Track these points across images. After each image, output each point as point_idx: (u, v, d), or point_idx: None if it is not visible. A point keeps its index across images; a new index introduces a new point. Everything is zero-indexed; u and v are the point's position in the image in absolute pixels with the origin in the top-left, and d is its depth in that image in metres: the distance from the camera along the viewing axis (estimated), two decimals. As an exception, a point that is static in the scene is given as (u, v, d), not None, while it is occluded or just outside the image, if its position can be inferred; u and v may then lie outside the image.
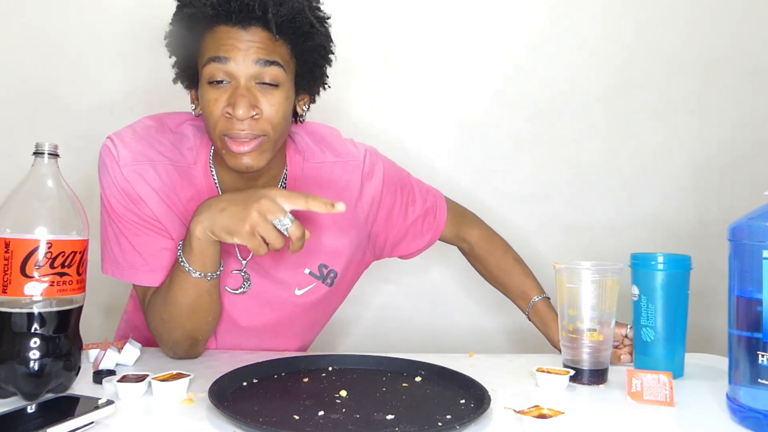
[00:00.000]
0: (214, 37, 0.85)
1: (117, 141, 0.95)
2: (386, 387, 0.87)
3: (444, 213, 1.21)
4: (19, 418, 0.65)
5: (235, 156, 0.87)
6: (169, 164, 0.96)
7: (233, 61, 0.84)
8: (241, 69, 0.85)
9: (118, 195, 0.94)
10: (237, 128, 0.85)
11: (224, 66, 0.85)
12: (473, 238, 1.24)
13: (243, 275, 1.01)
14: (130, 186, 0.93)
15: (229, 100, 0.85)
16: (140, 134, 0.96)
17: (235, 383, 0.84)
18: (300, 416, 0.73)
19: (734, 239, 0.77)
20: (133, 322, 1.20)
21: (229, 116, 0.86)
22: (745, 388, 0.74)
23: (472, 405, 0.79)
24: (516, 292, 1.20)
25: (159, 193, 0.94)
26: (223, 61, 0.84)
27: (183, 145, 0.97)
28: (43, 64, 1.70)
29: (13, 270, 0.73)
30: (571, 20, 1.79)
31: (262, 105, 0.86)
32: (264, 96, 0.87)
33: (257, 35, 0.85)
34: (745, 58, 1.82)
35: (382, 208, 1.11)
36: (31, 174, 0.78)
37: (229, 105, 0.85)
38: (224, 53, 0.84)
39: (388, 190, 1.11)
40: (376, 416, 0.74)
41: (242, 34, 0.84)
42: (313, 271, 1.04)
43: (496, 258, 1.23)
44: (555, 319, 1.12)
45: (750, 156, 1.82)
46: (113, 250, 0.97)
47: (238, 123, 0.85)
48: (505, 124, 1.79)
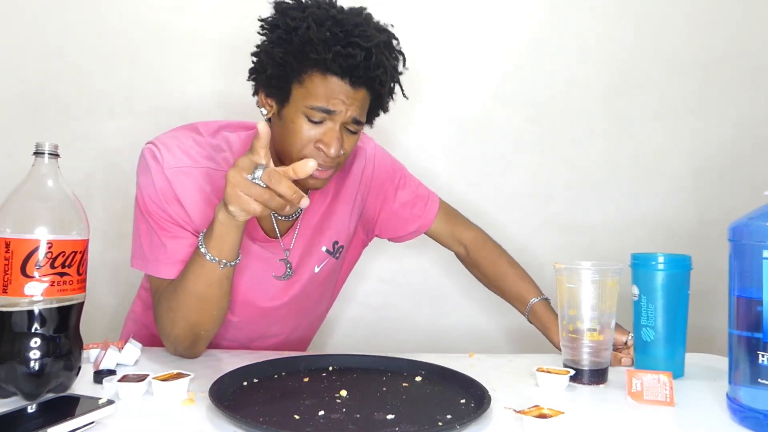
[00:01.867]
0: (326, 86, 0.92)
1: (160, 145, 1.00)
2: (386, 387, 0.87)
3: (435, 206, 1.26)
4: (19, 418, 0.65)
5: (311, 180, 0.97)
6: (207, 169, 1.02)
7: (337, 114, 0.94)
8: (341, 119, 0.94)
9: (155, 195, 0.99)
10: (324, 162, 0.95)
11: (329, 115, 0.94)
12: (467, 240, 1.28)
13: (286, 263, 1.10)
14: (170, 187, 0.98)
15: (322, 137, 0.94)
16: (181, 140, 1.02)
17: (235, 383, 0.84)
18: (300, 416, 0.73)
19: (734, 239, 0.77)
20: (142, 321, 1.22)
21: (318, 149, 0.95)
22: (745, 388, 0.74)
23: (472, 405, 0.79)
24: (513, 295, 1.21)
25: (198, 195, 1.00)
26: (329, 112, 0.93)
27: (218, 153, 1.04)
28: (43, 64, 1.70)
29: (13, 270, 0.73)
30: (570, 20, 1.79)
31: (345, 146, 0.98)
32: (348, 138, 0.98)
33: (361, 94, 0.95)
34: (745, 58, 1.82)
35: (374, 186, 1.21)
36: (32, 174, 0.78)
37: (321, 142, 0.94)
38: (333, 107, 0.93)
39: (381, 171, 1.21)
40: (376, 416, 0.74)
41: (351, 92, 0.93)
42: (329, 248, 1.15)
43: (491, 262, 1.26)
44: (554, 321, 1.12)
45: (750, 156, 1.82)
46: (143, 245, 1.02)
47: (325, 157, 0.95)
48: (504, 124, 1.79)
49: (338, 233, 1.16)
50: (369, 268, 1.79)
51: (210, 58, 1.73)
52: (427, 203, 1.26)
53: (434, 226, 1.27)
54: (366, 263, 1.79)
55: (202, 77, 1.73)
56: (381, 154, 1.24)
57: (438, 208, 1.27)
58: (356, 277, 1.78)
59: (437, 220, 1.26)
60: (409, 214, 1.24)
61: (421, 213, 1.25)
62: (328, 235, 1.15)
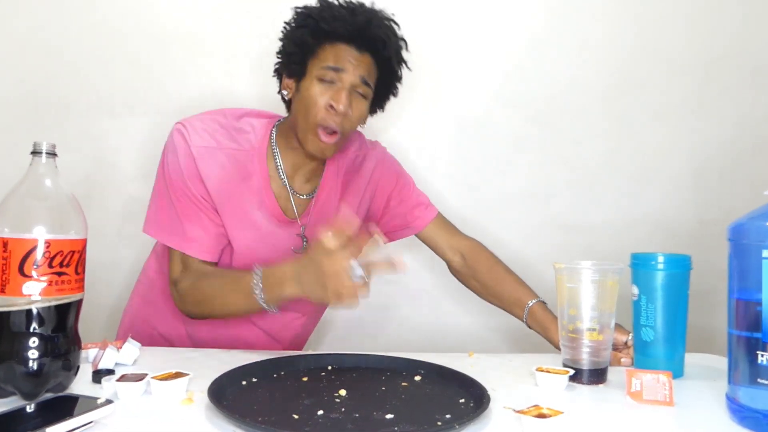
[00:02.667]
0: (336, 51, 1.06)
1: (188, 125, 1.10)
2: (386, 386, 0.87)
3: (433, 213, 1.33)
4: (18, 418, 0.65)
5: (321, 146, 1.07)
6: (230, 150, 1.11)
7: (345, 72, 1.05)
8: (349, 78, 1.06)
9: (180, 171, 1.07)
10: (333, 118, 1.05)
11: (337, 74, 1.05)
12: (465, 248, 1.31)
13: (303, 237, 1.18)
14: (194, 164, 1.07)
15: (333, 96, 1.05)
16: (207, 123, 1.11)
17: (234, 382, 0.84)
18: (299, 416, 0.73)
19: (734, 239, 0.77)
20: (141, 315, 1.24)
21: (329, 108, 1.05)
22: (744, 388, 0.74)
23: (471, 404, 0.79)
24: (510, 299, 1.22)
25: (220, 174, 1.09)
26: (338, 71, 1.05)
27: (242, 135, 1.13)
28: (43, 64, 1.70)
29: (11, 269, 0.73)
30: (571, 20, 1.79)
31: (353, 108, 1.07)
32: (356, 101, 1.08)
33: (366, 59, 1.07)
34: (745, 58, 1.81)
35: (380, 188, 1.30)
36: (29, 173, 0.78)
37: (332, 99, 1.05)
38: (341, 65, 1.05)
39: (389, 176, 1.31)
40: (375, 415, 0.74)
41: (356, 54, 1.06)
42: None
43: (488, 268, 1.28)
44: (554, 321, 1.12)
45: (750, 156, 1.81)
46: (161, 216, 1.10)
47: (335, 116, 1.05)
48: (504, 124, 1.79)
49: None
50: (369, 268, 1.78)
51: (210, 58, 1.73)
52: (426, 209, 1.33)
53: (430, 232, 1.32)
54: (366, 263, 1.78)
55: (202, 77, 1.73)
56: (391, 160, 1.34)
57: (435, 216, 1.33)
58: (356, 277, 1.78)
59: (433, 225, 1.32)
60: (408, 216, 1.32)
61: (419, 215, 1.32)
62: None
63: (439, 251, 1.33)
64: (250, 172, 1.12)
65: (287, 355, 0.98)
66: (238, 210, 1.11)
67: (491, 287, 1.27)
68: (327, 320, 1.79)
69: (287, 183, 1.16)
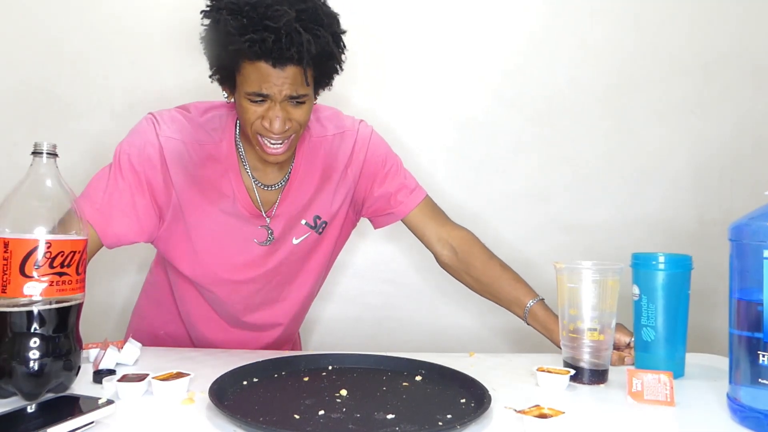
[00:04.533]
0: (257, 72, 0.97)
1: (158, 117, 1.09)
2: (386, 386, 0.87)
3: (420, 197, 1.25)
4: (19, 418, 0.65)
5: (268, 154, 1.04)
6: (196, 144, 1.09)
7: (270, 96, 0.99)
8: (277, 98, 0.99)
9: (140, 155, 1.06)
10: (273, 137, 1.02)
11: (264, 98, 1.00)
12: (456, 240, 1.23)
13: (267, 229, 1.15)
14: (160, 153, 1.06)
15: (265, 113, 1.01)
16: (175, 116, 1.11)
17: (235, 382, 0.84)
18: (300, 415, 0.73)
19: (735, 239, 0.77)
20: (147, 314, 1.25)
21: (264, 126, 1.01)
22: (745, 387, 0.74)
23: (472, 404, 0.78)
24: (508, 298, 1.18)
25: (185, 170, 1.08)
26: (262, 96, 0.99)
27: (209, 126, 1.11)
28: (43, 64, 1.70)
29: (12, 270, 0.73)
30: (570, 20, 1.79)
31: (292, 116, 1.02)
32: (294, 108, 1.02)
33: (291, 71, 0.97)
34: (745, 57, 1.82)
35: (366, 169, 1.22)
36: (30, 174, 0.77)
37: (265, 119, 1.01)
38: (265, 90, 0.98)
39: (374, 155, 1.23)
40: (376, 415, 0.74)
41: (279, 72, 0.97)
42: (309, 222, 1.19)
43: (483, 263, 1.21)
44: (556, 322, 1.11)
45: (750, 156, 1.82)
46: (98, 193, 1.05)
47: (273, 133, 1.01)
48: (505, 124, 1.79)
49: (320, 209, 1.19)
50: (369, 269, 1.79)
51: (210, 58, 1.73)
52: (411, 193, 1.24)
53: (416, 219, 1.24)
54: (366, 263, 1.79)
55: (202, 77, 1.73)
56: (377, 140, 1.25)
57: (422, 200, 1.25)
58: (356, 278, 1.78)
59: (419, 212, 1.24)
60: (391, 199, 1.24)
61: (404, 200, 1.23)
62: (310, 209, 1.18)
63: (426, 242, 1.25)
64: (217, 166, 1.10)
65: (288, 355, 0.98)
66: (204, 204, 1.10)
67: (487, 285, 1.21)
68: (326, 320, 1.79)
69: (253, 178, 1.13)
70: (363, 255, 1.78)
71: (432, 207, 1.26)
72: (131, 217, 1.06)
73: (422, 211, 1.24)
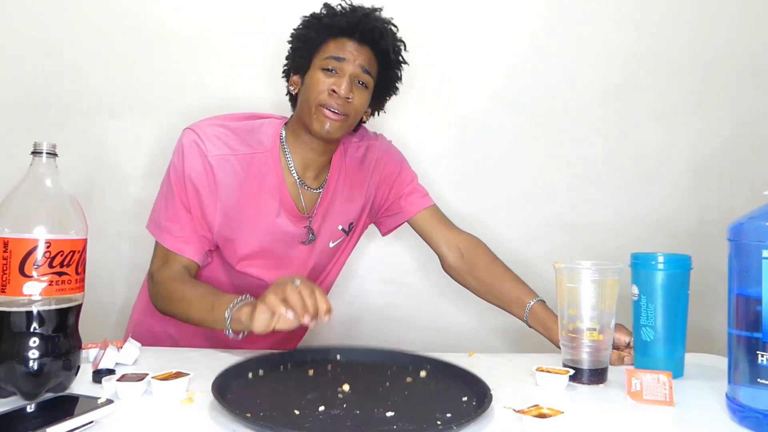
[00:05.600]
0: (337, 44, 1.14)
1: (200, 133, 1.14)
2: (390, 382, 0.87)
3: (428, 202, 1.33)
4: (18, 418, 0.65)
5: (325, 120, 1.12)
6: (244, 155, 1.15)
7: (346, 61, 1.12)
8: (350, 67, 1.13)
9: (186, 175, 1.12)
10: (335, 102, 1.11)
11: (339, 63, 1.12)
12: (463, 243, 1.30)
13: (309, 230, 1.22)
14: (212, 173, 1.12)
15: (335, 83, 1.12)
16: (217, 129, 1.16)
17: (241, 374, 0.85)
18: (300, 411, 0.73)
19: (734, 239, 0.77)
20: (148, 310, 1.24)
21: (332, 93, 1.11)
22: (744, 387, 0.74)
23: (474, 403, 0.78)
24: (510, 298, 1.21)
25: (235, 181, 1.14)
26: (340, 59, 1.12)
27: (253, 138, 1.18)
28: (43, 64, 1.70)
29: (11, 269, 0.73)
30: (571, 20, 1.79)
31: (355, 94, 1.14)
32: (357, 90, 1.14)
33: (366, 51, 1.15)
34: (745, 58, 1.81)
35: (384, 177, 1.32)
36: (30, 173, 0.78)
37: (335, 85, 1.11)
38: (343, 55, 1.13)
39: (392, 167, 1.33)
40: (375, 413, 0.74)
41: (356, 47, 1.14)
42: (344, 227, 1.29)
43: (487, 264, 1.26)
44: (556, 321, 1.12)
45: (750, 156, 1.81)
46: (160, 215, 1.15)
47: (337, 99, 1.11)
48: (505, 124, 1.79)
49: (353, 215, 1.29)
50: (370, 269, 1.79)
51: (210, 58, 1.73)
52: (422, 197, 1.33)
53: (424, 221, 1.31)
54: (367, 263, 1.79)
55: (202, 77, 1.73)
56: (395, 152, 1.36)
57: (430, 205, 1.33)
58: (357, 277, 1.78)
59: (428, 214, 1.31)
60: (401, 200, 1.32)
61: (413, 201, 1.32)
62: (344, 216, 1.27)
63: (434, 244, 1.31)
64: (264, 173, 1.16)
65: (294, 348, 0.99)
66: (252, 211, 1.16)
67: (490, 284, 1.24)
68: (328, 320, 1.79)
69: (298, 179, 1.20)
70: (364, 255, 1.78)
71: (440, 214, 1.33)
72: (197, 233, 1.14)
73: (432, 214, 1.32)
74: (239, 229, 1.16)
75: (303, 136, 1.18)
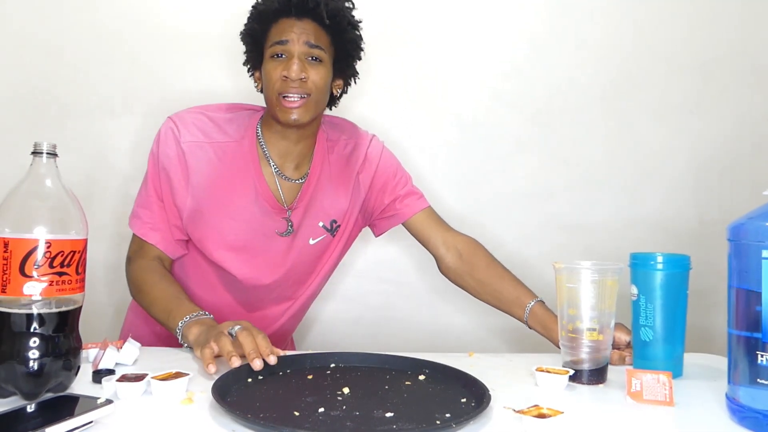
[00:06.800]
0: (278, 27, 1.13)
1: (178, 121, 1.17)
2: (389, 385, 0.87)
3: (422, 204, 1.31)
4: (18, 418, 0.65)
5: (287, 111, 1.11)
6: (219, 143, 1.17)
7: (290, 43, 1.11)
8: (296, 47, 1.11)
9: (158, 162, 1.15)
10: (291, 86, 1.10)
11: (283, 46, 1.11)
12: (462, 244, 1.28)
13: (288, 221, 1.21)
14: (184, 159, 1.14)
15: (284, 67, 1.11)
16: (196, 116, 1.18)
17: (239, 380, 0.85)
18: (300, 412, 0.73)
19: (734, 239, 0.77)
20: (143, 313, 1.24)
21: (285, 79, 1.10)
22: (744, 387, 0.74)
23: (472, 404, 0.79)
24: (510, 298, 1.20)
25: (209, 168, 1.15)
26: (283, 42, 1.11)
27: (230, 127, 1.19)
28: (43, 64, 1.70)
29: (12, 270, 0.73)
30: (570, 20, 1.79)
31: (309, 73, 1.11)
32: (311, 67, 1.12)
33: (308, 25, 1.12)
34: (745, 57, 1.82)
35: (378, 180, 1.30)
36: (30, 173, 0.78)
37: (285, 70, 1.10)
38: (285, 37, 1.11)
39: (386, 168, 1.31)
40: (375, 413, 0.74)
41: (297, 23, 1.11)
42: (326, 224, 1.26)
43: (486, 265, 1.25)
44: (555, 321, 1.12)
45: (750, 156, 1.82)
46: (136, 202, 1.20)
47: (291, 83, 1.10)
48: (505, 124, 1.79)
49: (335, 213, 1.26)
50: (369, 269, 1.79)
51: (209, 57, 1.73)
52: (417, 199, 1.31)
53: (420, 223, 1.29)
54: (366, 263, 1.79)
55: (202, 77, 1.73)
56: (388, 154, 1.33)
57: (425, 207, 1.31)
58: (357, 277, 1.79)
59: (425, 216, 1.30)
60: (396, 202, 1.30)
61: (409, 203, 1.30)
62: (326, 213, 1.25)
63: (431, 246, 1.29)
64: (239, 161, 1.17)
65: (293, 354, 0.98)
66: (226, 199, 1.16)
67: (489, 285, 1.23)
68: (326, 320, 1.79)
69: (276, 168, 1.20)
70: (363, 255, 1.78)
71: (436, 215, 1.32)
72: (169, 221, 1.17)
73: (428, 216, 1.30)
74: (211, 216, 1.16)
75: (275, 126, 1.18)
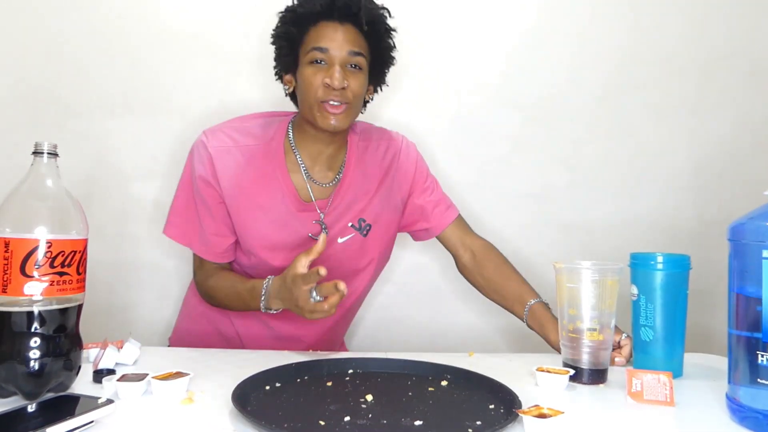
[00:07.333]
0: (318, 31, 1.11)
1: (209, 133, 1.19)
2: (412, 391, 0.85)
3: (454, 213, 1.35)
4: (19, 418, 0.65)
5: (328, 116, 1.11)
6: (247, 147, 1.18)
7: (331, 49, 1.10)
8: (337, 55, 1.10)
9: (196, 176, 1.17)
10: (332, 95, 1.10)
11: (324, 54, 1.10)
12: (476, 246, 1.33)
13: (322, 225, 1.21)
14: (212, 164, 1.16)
15: (327, 75, 1.10)
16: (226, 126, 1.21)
17: (257, 387, 0.83)
18: (326, 422, 0.70)
19: (734, 239, 0.77)
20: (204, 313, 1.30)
21: (326, 86, 1.10)
22: (744, 387, 0.74)
23: (501, 410, 0.77)
24: (514, 296, 1.23)
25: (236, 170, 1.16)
26: (324, 50, 1.10)
27: (259, 131, 1.21)
28: (43, 64, 1.70)
29: (12, 269, 0.73)
30: (569, 20, 1.79)
31: (350, 81, 1.11)
32: (351, 75, 1.12)
33: (349, 31, 1.11)
34: (744, 57, 1.82)
35: (414, 182, 1.33)
36: (31, 173, 0.78)
37: (327, 78, 1.09)
38: (326, 44, 1.10)
39: (420, 171, 1.34)
40: (403, 422, 0.71)
41: (338, 27, 1.10)
42: (354, 224, 1.26)
43: (497, 265, 1.29)
44: (551, 321, 1.13)
45: (750, 156, 1.82)
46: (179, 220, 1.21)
47: (334, 92, 1.10)
48: (503, 123, 1.79)
49: (365, 211, 1.26)
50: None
51: (210, 58, 1.73)
52: (448, 208, 1.35)
53: (449, 232, 1.34)
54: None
55: (202, 77, 1.73)
56: (419, 156, 1.36)
57: (456, 217, 1.35)
58: (356, 277, 1.78)
59: (453, 227, 1.34)
60: (430, 213, 1.33)
61: (441, 215, 1.33)
62: (356, 211, 1.25)
63: (451, 247, 1.35)
64: (268, 164, 1.18)
65: (309, 359, 0.96)
66: (255, 202, 1.18)
67: (496, 283, 1.27)
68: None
69: (306, 173, 1.20)
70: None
71: (463, 223, 1.36)
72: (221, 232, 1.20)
73: (455, 225, 1.34)
74: (244, 218, 1.18)
75: (309, 131, 1.18)
